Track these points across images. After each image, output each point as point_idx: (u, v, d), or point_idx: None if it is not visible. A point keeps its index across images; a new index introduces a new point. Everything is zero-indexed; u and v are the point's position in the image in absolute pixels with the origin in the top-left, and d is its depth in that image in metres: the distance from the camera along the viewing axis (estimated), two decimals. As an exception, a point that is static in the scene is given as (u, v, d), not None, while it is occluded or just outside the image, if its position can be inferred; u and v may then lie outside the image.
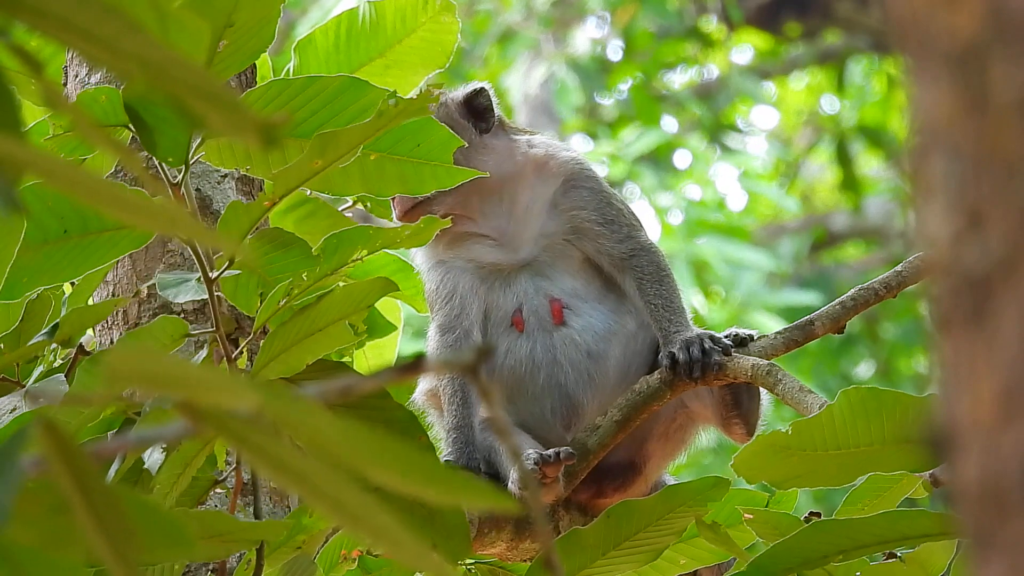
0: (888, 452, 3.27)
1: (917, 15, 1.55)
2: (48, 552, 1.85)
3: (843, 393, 3.26)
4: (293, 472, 1.74)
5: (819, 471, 3.30)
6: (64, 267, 3.38)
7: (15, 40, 1.80)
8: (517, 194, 4.44)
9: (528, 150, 4.49)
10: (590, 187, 4.48)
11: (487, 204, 4.44)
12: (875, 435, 3.26)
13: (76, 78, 4.07)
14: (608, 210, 4.44)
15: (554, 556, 2.00)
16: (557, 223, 4.44)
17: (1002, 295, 1.50)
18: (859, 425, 3.26)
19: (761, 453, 3.30)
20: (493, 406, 4.15)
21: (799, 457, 3.29)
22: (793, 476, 3.32)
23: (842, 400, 3.25)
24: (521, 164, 4.46)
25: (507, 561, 4.06)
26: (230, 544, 2.90)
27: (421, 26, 4.02)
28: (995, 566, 1.50)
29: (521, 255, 4.41)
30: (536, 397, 4.37)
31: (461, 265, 4.43)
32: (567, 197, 4.46)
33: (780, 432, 3.29)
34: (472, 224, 4.43)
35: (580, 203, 4.45)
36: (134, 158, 2.01)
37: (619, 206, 4.47)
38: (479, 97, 4.44)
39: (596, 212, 4.44)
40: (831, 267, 14.78)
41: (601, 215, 4.43)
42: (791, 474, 3.31)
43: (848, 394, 3.25)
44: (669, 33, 14.21)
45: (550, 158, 4.49)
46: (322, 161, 3.21)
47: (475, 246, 4.43)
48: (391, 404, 3.26)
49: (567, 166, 4.49)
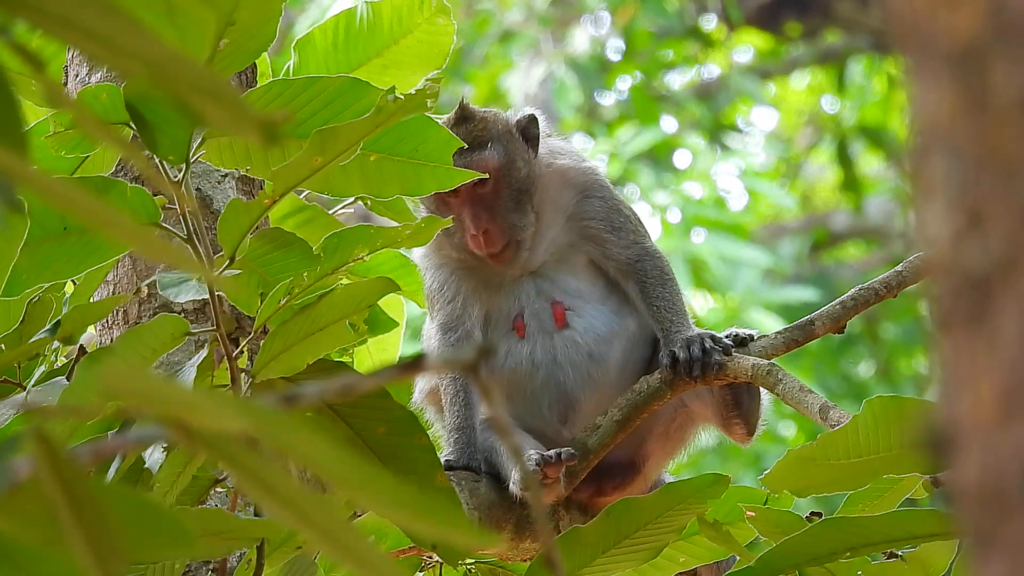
0: (902, 456, 3.29)
1: (917, 15, 1.55)
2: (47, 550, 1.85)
3: (867, 403, 3.29)
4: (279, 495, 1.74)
5: (837, 479, 3.33)
6: (65, 265, 3.38)
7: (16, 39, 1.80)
8: (542, 204, 4.45)
9: (553, 161, 4.51)
10: (602, 196, 4.50)
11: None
12: (893, 441, 3.28)
13: (77, 77, 4.08)
14: (617, 218, 4.46)
15: (555, 554, 2.00)
16: (568, 231, 4.46)
17: (1002, 295, 1.50)
18: (880, 433, 3.29)
19: (790, 467, 3.33)
20: (494, 405, 4.16)
21: (822, 467, 3.32)
22: (814, 485, 3.35)
23: (866, 410, 3.28)
24: (547, 176, 4.48)
25: (507, 560, 4.06)
26: (230, 542, 2.90)
27: (417, 27, 4.03)
28: (995, 566, 1.50)
29: (533, 263, 4.43)
30: (533, 395, 4.38)
31: (463, 266, 4.43)
32: (580, 207, 4.48)
33: (808, 445, 3.32)
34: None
35: (592, 213, 4.47)
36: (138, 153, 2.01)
37: (627, 213, 4.49)
38: (531, 127, 4.46)
39: (605, 221, 4.46)
40: (831, 267, 14.78)
41: (609, 223, 4.45)
42: (812, 483, 3.35)
43: (872, 404, 3.29)
44: (669, 33, 14.21)
45: (571, 168, 4.51)
46: (322, 158, 3.21)
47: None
48: (391, 404, 3.26)
49: (583, 176, 4.52)
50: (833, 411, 3.73)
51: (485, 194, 4.34)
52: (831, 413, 3.73)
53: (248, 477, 1.74)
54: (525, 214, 4.38)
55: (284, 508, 1.74)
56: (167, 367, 3.75)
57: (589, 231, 4.45)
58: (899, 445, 3.28)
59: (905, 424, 3.26)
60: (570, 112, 13.65)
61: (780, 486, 3.37)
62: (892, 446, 3.29)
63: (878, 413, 3.28)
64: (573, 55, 13.52)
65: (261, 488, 1.74)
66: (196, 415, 1.71)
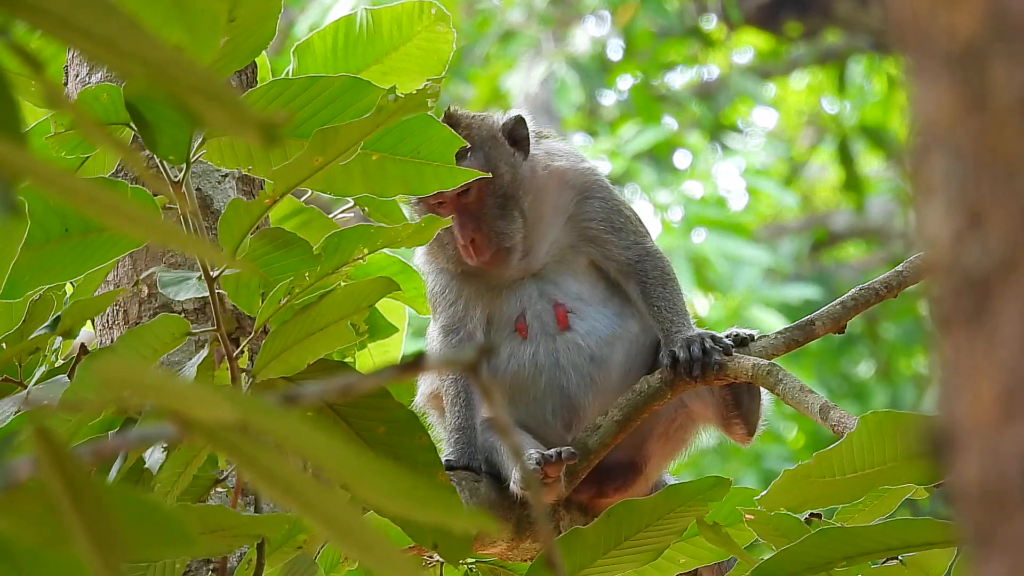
0: (897, 468, 3.30)
1: (917, 15, 1.55)
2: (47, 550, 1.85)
3: (862, 419, 3.31)
4: (281, 482, 1.74)
5: (832, 494, 3.34)
6: (66, 266, 3.38)
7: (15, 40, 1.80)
8: (539, 207, 4.44)
9: (551, 163, 4.50)
10: (602, 197, 4.49)
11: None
12: (888, 454, 3.29)
13: (77, 77, 4.08)
14: (617, 218, 4.46)
15: (555, 555, 2.00)
16: (568, 233, 4.46)
17: (1002, 295, 1.50)
18: (875, 448, 3.30)
19: (787, 486, 3.34)
20: (494, 405, 4.16)
21: (818, 484, 3.33)
22: (809, 500, 3.36)
23: (861, 426, 3.29)
24: (544, 178, 4.47)
25: (508, 561, 4.06)
26: (231, 540, 2.90)
27: (417, 35, 4.02)
28: (995, 566, 1.50)
29: (534, 265, 4.42)
30: (537, 400, 4.38)
31: (467, 269, 4.43)
32: (580, 208, 4.47)
33: (804, 464, 3.33)
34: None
35: (592, 214, 4.46)
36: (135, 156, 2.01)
37: (628, 214, 4.49)
38: (519, 128, 4.44)
39: (605, 221, 4.45)
40: (832, 267, 14.78)
41: (610, 224, 4.45)
42: (808, 498, 3.36)
43: (867, 420, 3.30)
44: (669, 33, 14.21)
45: (570, 170, 4.50)
46: (323, 158, 3.21)
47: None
48: (391, 403, 3.26)
49: (582, 177, 4.51)
50: (833, 411, 3.74)
51: (470, 203, 4.34)
52: (831, 413, 3.73)
53: (249, 465, 1.74)
54: (512, 220, 4.36)
55: (287, 494, 1.74)
56: (168, 367, 3.75)
57: (589, 232, 4.45)
58: (894, 457, 3.29)
59: (901, 436, 3.27)
60: (571, 112, 13.65)
61: (777, 505, 3.39)
62: (887, 459, 3.29)
63: (872, 428, 3.29)
64: (574, 55, 13.52)
65: (263, 475, 1.74)
66: (192, 406, 1.71)
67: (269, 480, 1.74)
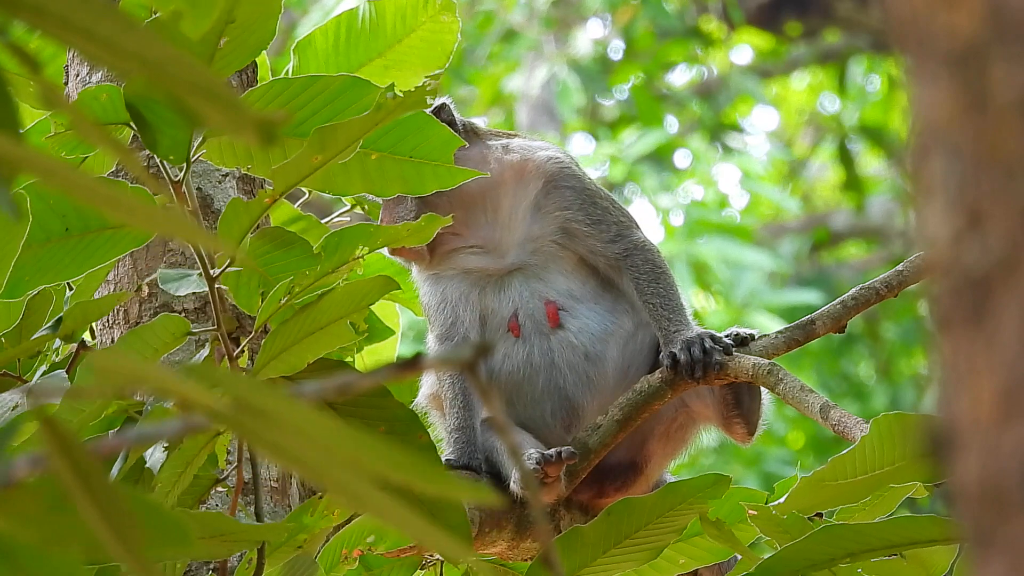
0: (904, 468, 3.31)
1: (917, 15, 1.55)
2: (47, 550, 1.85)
3: (874, 422, 3.32)
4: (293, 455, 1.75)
5: (842, 495, 3.36)
6: (66, 265, 3.39)
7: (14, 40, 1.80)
8: (499, 201, 4.41)
9: (504, 156, 4.46)
10: (572, 186, 4.44)
11: (470, 215, 4.42)
12: (896, 455, 3.30)
13: (77, 77, 4.08)
14: (593, 209, 4.41)
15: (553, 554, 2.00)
16: (543, 225, 4.42)
17: (1002, 295, 1.50)
18: (885, 449, 3.31)
19: (803, 493, 3.36)
20: (492, 404, 4.15)
21: (830, 488, 3.34)
22: (819, 503, 3.38)
23: (873, 429, 3.30)
24: (498, 171, 4.43)
25: (508, 560, 4.06)
26: (231, 544, 2.91)
27: (421, 26, 4.01)
28: (995, 566, 1.50)
29: (509, 260, 4.40)
30: (535, 401, 4.37)
31: (452, 275, 4.42)
32: (550, 198, 4.43)
33: (819, 470, 3.36)
34: (459, 239, 4.41)
35: (564, 204, 4.42)
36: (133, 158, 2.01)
37: (604, 204, 4.43)
38: (440, 114, 4.38)
39: (581, 212, 4.41)
40: (832, 267, 14.78)
41: (587, 215, 4.40)
42: (818, 501, 3.37)
43: (879, 423, 3.31)
44: (670, 33, 14.21)
45: (527, 161, 4.46)
46: (322, 156, 3.21)
47: (464, 257, 4.42)
48: (391, 403, 3.26)
49: (546, 167, 4.46)
50: (834, 411, 3.73)
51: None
52: (832, 413, 3.73)
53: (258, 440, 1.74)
54: (404, 205, 4.36)
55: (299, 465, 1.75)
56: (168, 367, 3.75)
57: (568, 226, 4.41)
58: (901, 457, 3.30)
59: (907, 437, 3.28)
60: (572, 114, 13.65)
61: (792, 509, 3.41)
62: (895, 459, 3.31)
63: (884, 431, 3.30)
64: (575, 57, 13.52)
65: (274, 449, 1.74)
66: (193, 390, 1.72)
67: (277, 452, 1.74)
